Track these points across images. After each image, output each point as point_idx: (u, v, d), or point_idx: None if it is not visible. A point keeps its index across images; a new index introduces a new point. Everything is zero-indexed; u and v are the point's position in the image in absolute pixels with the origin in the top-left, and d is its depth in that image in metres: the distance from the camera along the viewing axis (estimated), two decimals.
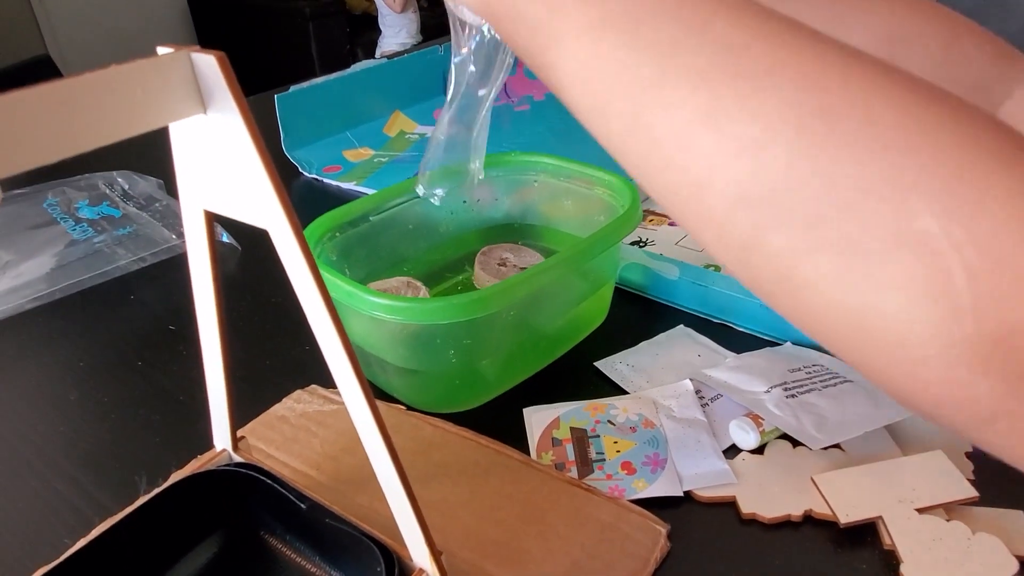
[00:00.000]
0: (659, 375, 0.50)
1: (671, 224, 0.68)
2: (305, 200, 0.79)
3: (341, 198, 0.77)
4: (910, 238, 0.18)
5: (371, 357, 0.47)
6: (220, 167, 0.26)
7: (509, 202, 0.61)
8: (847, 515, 0.38)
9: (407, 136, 0.91)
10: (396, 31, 2.62)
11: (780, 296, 0.21)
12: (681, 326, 0.55)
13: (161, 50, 0.23)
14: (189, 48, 0.23)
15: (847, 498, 0.39)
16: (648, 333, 0.54)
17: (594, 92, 0.24)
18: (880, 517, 0.38)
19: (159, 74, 0.22)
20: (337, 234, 0.52)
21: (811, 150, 0.19)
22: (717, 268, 0.60)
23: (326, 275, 0.44)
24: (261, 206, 0.25)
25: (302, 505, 0.34)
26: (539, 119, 0.92)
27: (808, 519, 0.39)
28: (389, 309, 0.41)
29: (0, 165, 0.19)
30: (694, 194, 0.22)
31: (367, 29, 2.95)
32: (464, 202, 0.60)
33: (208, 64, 0.23)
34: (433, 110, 0.97)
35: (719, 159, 0.21)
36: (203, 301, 0.32)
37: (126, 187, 0.76)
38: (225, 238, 0.68)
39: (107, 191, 0.75)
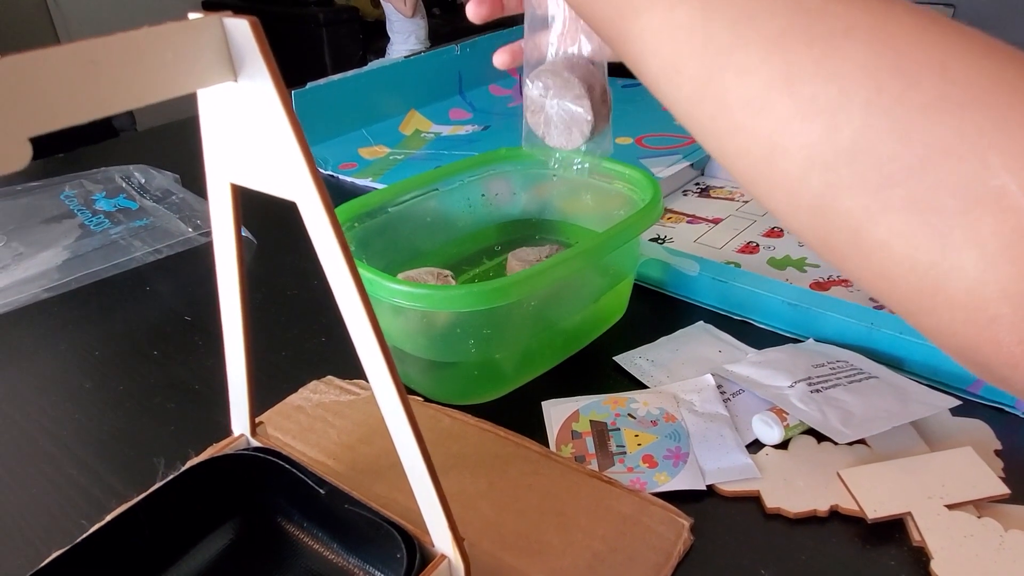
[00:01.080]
0: (679, 370, 0.49)
1: (690, 222, 0.68)
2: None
3: (356, 195, 0.77)
4: (987, 196, 0.17)
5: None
6: (249, 138, 0.25)
7: (526, 197, 0.61)
8: (875, 511, 0.37)
9: (422, 135, 0.91)
10: (405, 37, 2.63)
11: (852, 258, 0.21)
12: (701, 322, 0.54)
13: (192, 16, 0.22)
14: (221, 13, 0.22)
15: (874, 493, 0.38)
16: (667, 329, 0.53)
17: (667, 58, 0.24)
18: (909, 513, 0.37)
19: (190, 38, 0.22)
20: (356, 224, 0.51)
21: (887, 110, 0.19)
22: (737, 264, 0.59)
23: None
24: (291, 178, 0.25)
25: (320, 490, 0.34)
26: None
27: (834, 514, 0.38)
28: (410, 296, 0.41)
29: (30, 123, 0.19)
30: (765, 157, 0.22)
31: (380, 35, 2.96)
32: (483, 196, 0.59)
33: (241, 30, 0.22)
34: (448, 109, 0.97)
35: (793, 122, 0.21)
36: (226, 281, 0.32)
37: (143, 181, 0.76)
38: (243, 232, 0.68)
39: (124, 184, 0.75)
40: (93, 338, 0.56)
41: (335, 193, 0.78)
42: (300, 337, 0.54)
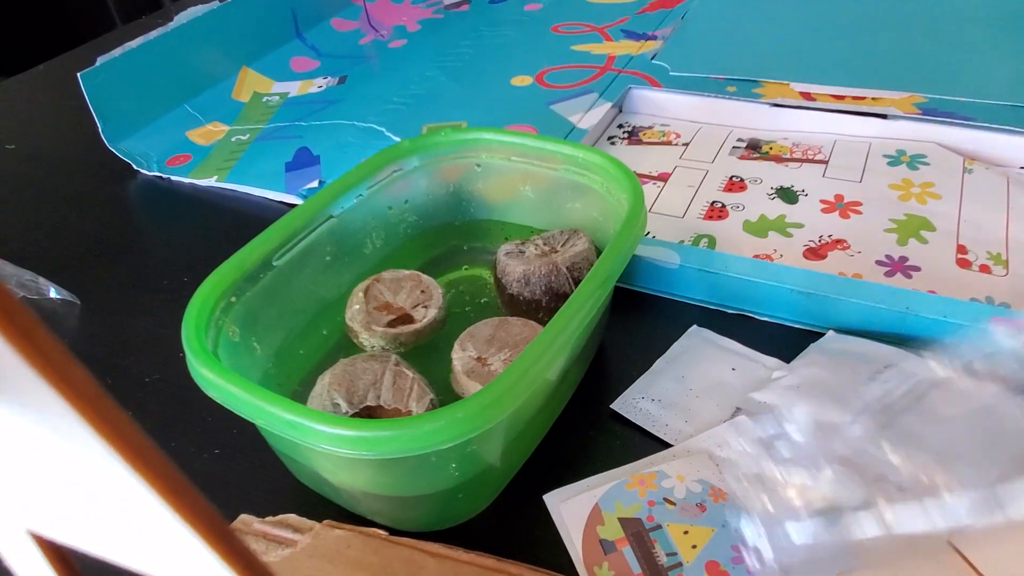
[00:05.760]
0: (698, 411, 0.39)
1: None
2: (154, 214, 0.60)
3: (205, 204, 0.59)
4: None
5: (339, 488, 0.33)
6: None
7: (446, 198, 0.47)
8: None
9: (265, 99, 0.72)
10: None
11: None
12: (694, 327, 0.44)
13: None
14: None
15: (1008, 568, 0.30)
16: (658, 343, 0.43)
17: None
18: None
19: None
20: (233, 299, 0.36)
21: None
22: (711, 239, 0.49)
23: (246, 397, 0.29)
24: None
25: None
26: (424, 57, 0.76)
27: None
28: (361, 443, 0.27)
29: None
30: None
31: None
32: (390, 209, 0.45)
33: None
34: (288, 59, 0.78)
35: None
36: None
37: None
38: (54, 293, 0.50)
39: None
40: None
41: (173, 207, 0.60)
42: (181, 452, 0.39)
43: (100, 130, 0.63)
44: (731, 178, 0.55)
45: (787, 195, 0.52)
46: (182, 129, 0.68)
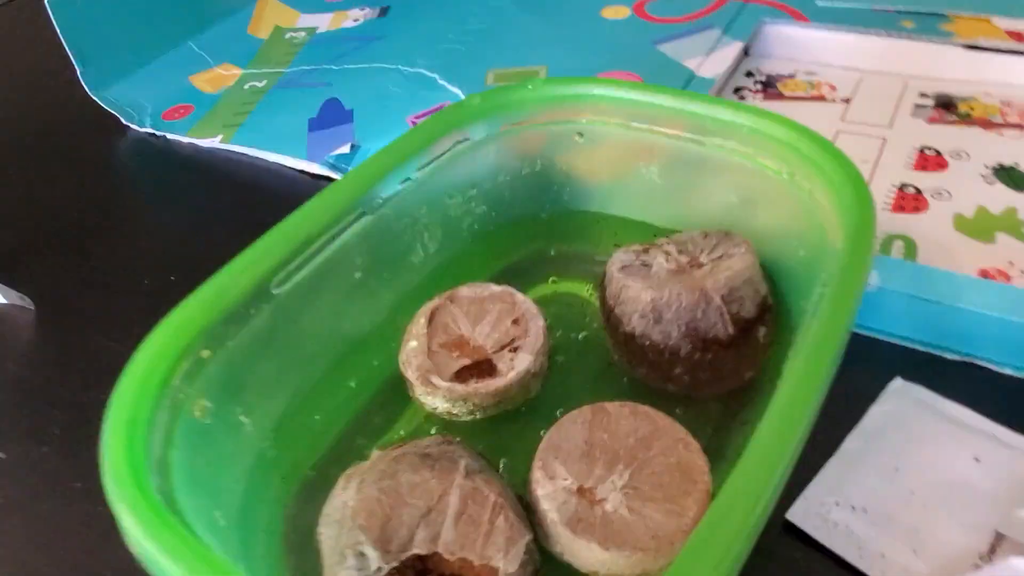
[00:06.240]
0: (928, 528, 0.25)
1: None
2: (140, 188, 0.46)
3: (206, 172, 0.46)
4: None
5: None
6: None
7: (528, 179, 0.32)
8: None
9: (288, 35, 0.58)
10: None
11: None
12: (899, 381, 0.29)
13: None
14: None
15: None
16: (845, 405, 0.29)
17: None
18: None
19: None
20: (204, 354, 0.22)
21: None
22: (909, 242, 0.34)
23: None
24: None
25: None
26: None
27: None
28: None
29: None
30: None
31: None
32: (450, 198, 0.30)
33: None
34: None
35: None
36: None
37: None
38: (3, 299, 0.37)
39: None
40: None
41: (167, 172, 0.46)
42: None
43: (79, 74, 0.50)
44: (922, 150, 0.39)
45: (1012, 177, 0.37)
46: (184, 72, 0.54)
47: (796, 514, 0.26)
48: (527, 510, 0.23)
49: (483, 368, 0.27)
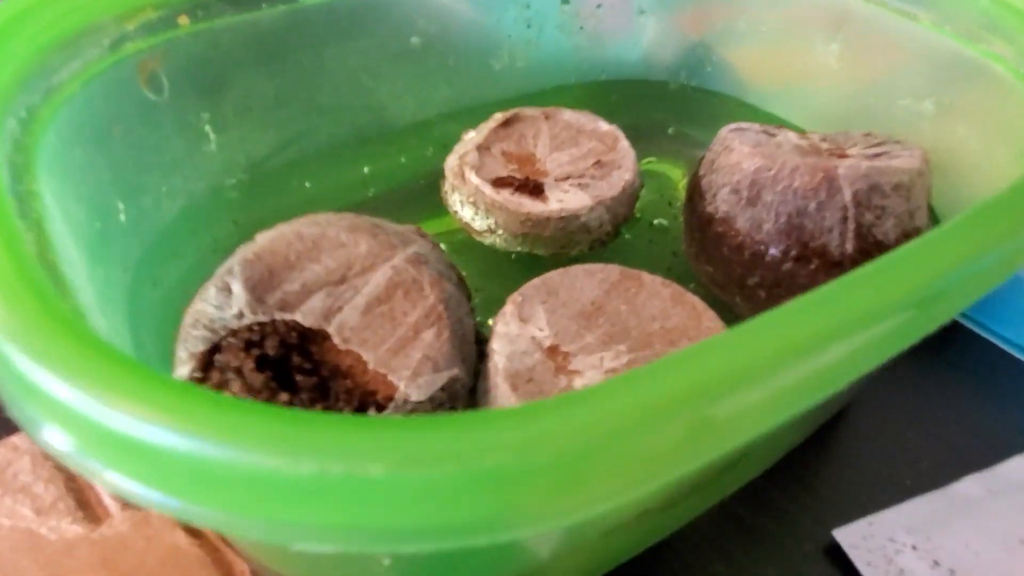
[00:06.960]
0: None
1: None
2: None
3: None
4: None
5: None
6: None
7: (674, 39, 0.26)
8: None
9: None
10: None
11: None
12: None
13: None
14: None
15: None
16: (982, 442, 0.20)
17: None
18: None
19: None
20: (181, 20, 0.18)
21: None
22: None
23: None
24: None
25: None
26: None
27: None
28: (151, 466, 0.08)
29: None
30: None
31: None
32: (582, 29, 0.24)
33: None
34: None
35: None
36: None
37: None
38: None
39: None
40: None
41: None
42: None
43: None
44: None
45: None
46: None
47: (848, 536, 0.18)
48: (481, 357, 0.17)
49: (531, 190, 0.21)
